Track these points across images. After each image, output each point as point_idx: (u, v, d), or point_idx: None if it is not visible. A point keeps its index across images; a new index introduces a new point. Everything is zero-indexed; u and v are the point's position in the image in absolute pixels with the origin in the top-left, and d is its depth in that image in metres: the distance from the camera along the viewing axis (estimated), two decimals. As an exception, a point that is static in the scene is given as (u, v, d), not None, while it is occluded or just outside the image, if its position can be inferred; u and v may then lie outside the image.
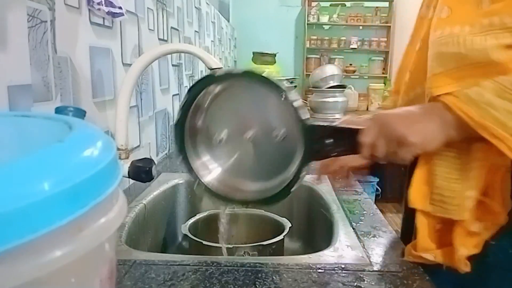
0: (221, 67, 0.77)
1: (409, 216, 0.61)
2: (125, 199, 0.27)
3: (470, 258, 0.54)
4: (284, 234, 0.77)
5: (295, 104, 0.51)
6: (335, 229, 0.73)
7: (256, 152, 0.57)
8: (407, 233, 0.67)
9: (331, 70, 2.91)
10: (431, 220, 0.56)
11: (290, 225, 0.81)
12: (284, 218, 0.84)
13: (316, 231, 0.94)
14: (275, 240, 0.74)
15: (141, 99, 1.04)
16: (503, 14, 0.51)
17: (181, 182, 1.02)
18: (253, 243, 0.74)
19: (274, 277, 0.55)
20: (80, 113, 0.51)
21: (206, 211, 0.91)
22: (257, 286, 0.53)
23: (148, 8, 1.09)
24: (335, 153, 0.55)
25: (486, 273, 0.56)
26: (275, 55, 3.55)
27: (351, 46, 4.01)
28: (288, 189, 0.54)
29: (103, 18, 0.81)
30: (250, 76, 0.52)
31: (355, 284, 0.53)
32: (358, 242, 0.66)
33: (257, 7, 3.88)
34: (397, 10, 3.91)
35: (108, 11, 0.78)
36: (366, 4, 4.00)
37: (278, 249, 0.75)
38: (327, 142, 0.53)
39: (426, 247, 0.57)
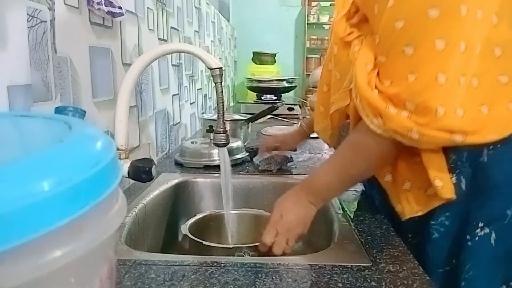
0: (221, 67, 0.77)
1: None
2: (125, 199, 0.27)
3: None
4: None
5: None
6: (335, 229, 0.73)
7: None
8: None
9: (331, 70, 2.90)
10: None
11: None
12: None
13: (316, 231, 0.94)
14: None
15: (141, 99, 1.05)
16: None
17: (181, 182, 1.02)
18: (253, 243, 0.74)
19: (274, 277, 0.55)
20: (80, 113, 0.51)
21: (206, 211, 0.91)
22: (257, 286, 0.53)
23: (148, 8, 1.09)
24: None
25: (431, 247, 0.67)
26: (275, 55, 3.55)
27: (351, 46, 4.00)
28: None
29: (103, 18, 0.81)
30: None
31: (355, 284, 0.53)
32: (358, 242, 0.66)
33: (257, 7, 3.88)
34: (397, 10, 3.90)
35: (108, 11, 0.78)
36: (366, 4, 4.00)
37: None
38: None
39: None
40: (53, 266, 0.20)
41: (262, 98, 2.82)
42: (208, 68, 0.78)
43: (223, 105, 0.80)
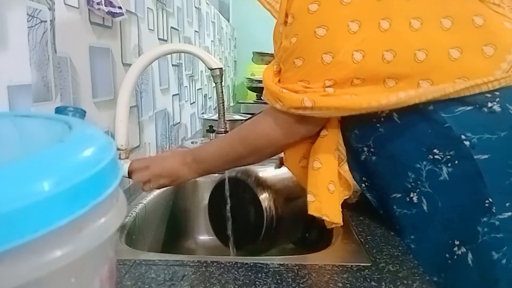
0: (221, 67, 0.77)
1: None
2: (125, 199, 0.27)
3: None
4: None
5: None
6: (335, 229, 0.73)
7: None
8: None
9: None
10: None
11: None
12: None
13: (316, 231, 0.94)
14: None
15: (141, 99, 1.05)
16: None
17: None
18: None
19: (274, 277, 0.55)
20: (80, 113, 0.51)
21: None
22: (257, 286, 0.53)
23: (148, 8, 1.09)
24: None
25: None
26: (275, 55, 3.54)
27: (351, 46, 4.00)
28: None
29: (103, 18, 0.81)
30: None
31: (355, 284, 0.53)
32: (358, 242, 0.66)
33: (257, 7, 3.84)
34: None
35: (108, 11, 0.78)
36: (366, 4, 3.99)
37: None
38: None
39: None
40: (53, 266, 0.20)
41: (262, 98, 2.82)
42: (208, 68, 0.78)
43: (223, 105, 0.80)
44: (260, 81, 2.82)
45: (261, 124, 0.70)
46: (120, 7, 0.82)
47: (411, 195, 0.64)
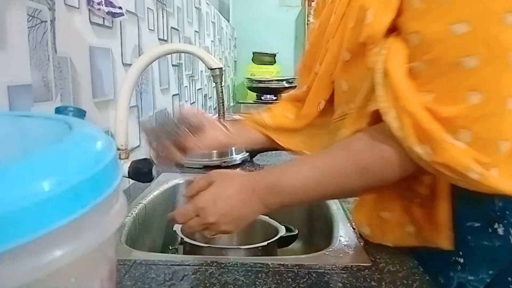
0: (221, 67, 0.77)
1: None
2: (125, 199, 0.27)
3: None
4: (276, 238, 0.75)
5: None
6: (335, 229, 0.73)
7: None
8: None
9: (331, 70, 2.90)
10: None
11: (284, 232, 0.79)
12: (276, 222, 0.83)
13: (316, 231, 0.94)
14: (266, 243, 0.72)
15: (141, 99, 1.05)
16: None
17: (181, 182, 1.02)
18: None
19: (274, 277, 0.55)
20: (80, 113, 0.51)
21: None
22: (257, 286, 0.53)
23: (148, 8, 1.09)
24: None
25: None
26: (275, 55, 3.55)
27: (351, 46, 4.00)
28: None
29: (103, 18, 0.81)
30: None
31: (355, 284, 0.53)
32: (358, 242, 0.66)
33: (257, 7, 3.87)
34: (397, 10, 3.89)
35: (108, 11, 0.78)
36: (366, 4, 3.99)
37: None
38: None
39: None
40: (53, 266, 0.20)
41: (262, 98, 2.83)
42: (208, 68, 0.78)
43: (223, 105, 0.80)
44: (260, 81, 2.83)
45: (389, 152, 0.50)
46: (120, 7, 0.82)
47: (495, 226, 0.54)
